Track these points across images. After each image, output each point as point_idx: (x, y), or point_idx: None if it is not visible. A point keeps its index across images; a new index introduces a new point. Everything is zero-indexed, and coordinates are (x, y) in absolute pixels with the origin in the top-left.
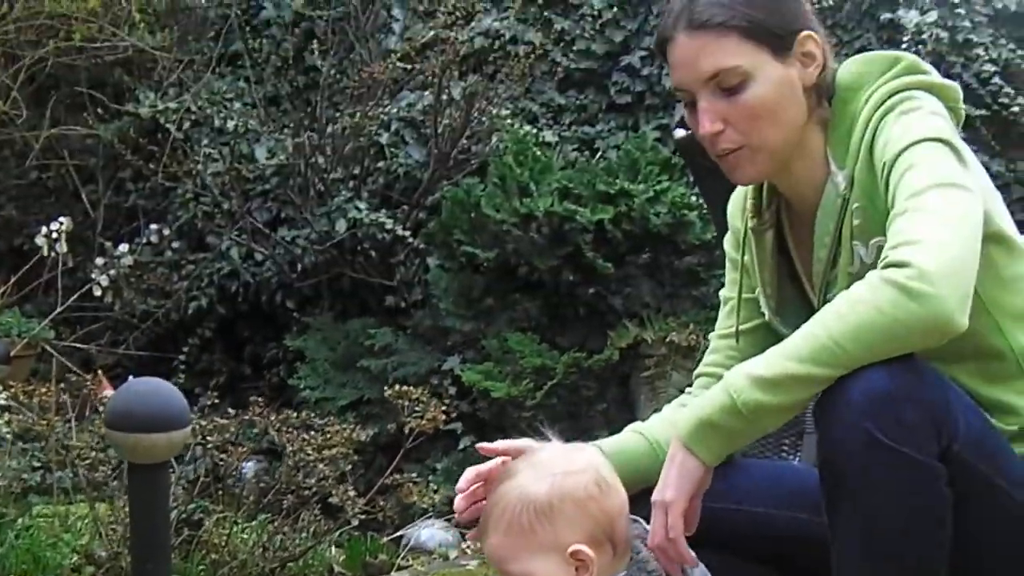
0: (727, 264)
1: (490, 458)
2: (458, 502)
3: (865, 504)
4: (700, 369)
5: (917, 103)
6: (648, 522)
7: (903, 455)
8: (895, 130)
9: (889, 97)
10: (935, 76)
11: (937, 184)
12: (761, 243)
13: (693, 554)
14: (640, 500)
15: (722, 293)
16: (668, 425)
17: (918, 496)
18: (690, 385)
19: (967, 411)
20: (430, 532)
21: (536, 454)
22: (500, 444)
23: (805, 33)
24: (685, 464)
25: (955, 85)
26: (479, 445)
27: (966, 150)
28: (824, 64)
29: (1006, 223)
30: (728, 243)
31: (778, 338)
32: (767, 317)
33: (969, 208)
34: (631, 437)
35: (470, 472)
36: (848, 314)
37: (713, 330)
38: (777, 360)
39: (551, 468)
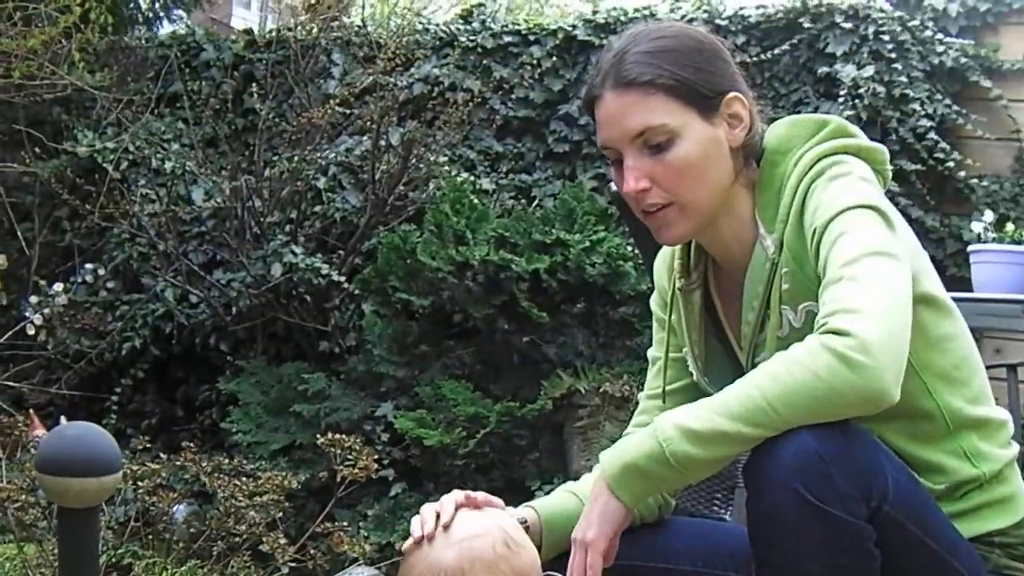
0: (654, 324)
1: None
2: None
3: (794, 564)
4: (629, 429)
5: (846, 168)
6: None
7: (832, 515)
8: (824, 196)
9: (817, 161)
10: (862, 139)
11: (870, 253)
12: (689, 303)
13: None
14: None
15: (650, 353)
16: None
17: (846, 556)
18: None
19: (896, 471)
20: None
21: (441, 524)
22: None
23: (732, 94)
24: (608, 505)
25: (882, 147)
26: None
27: (894, 214)
28: (751, 125)
29: (933, 283)
30: (655, 303)
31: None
32: (695, 377)
33: (901, 278)
34: (565, 497)
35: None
36: (784, 376)
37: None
38: (708, 415)
39: (457, 534)
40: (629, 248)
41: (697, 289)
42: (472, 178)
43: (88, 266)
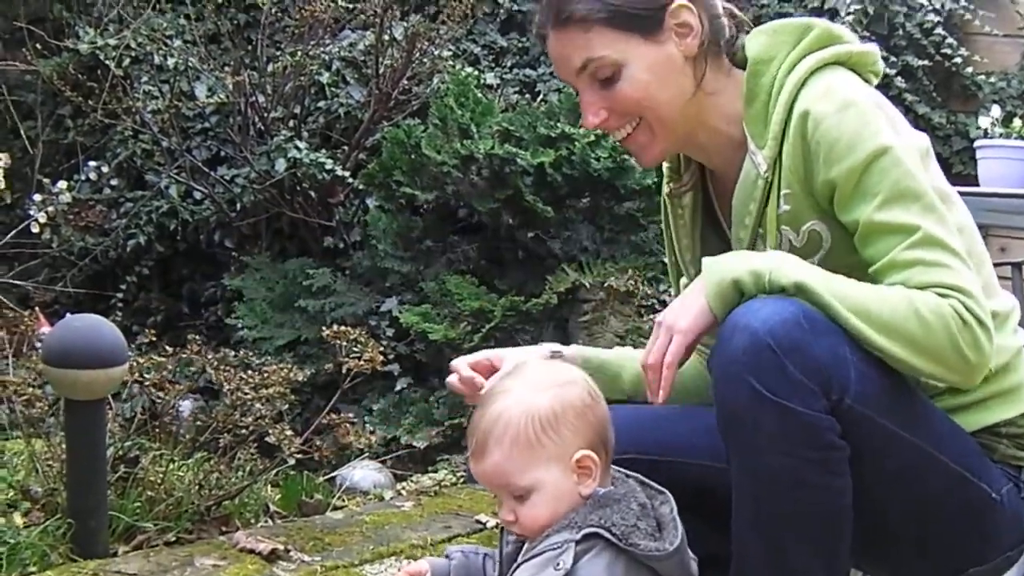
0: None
1: None
2: (454, 380)
3: (753, 457)
4: None
5: (848, 89)
6: None
7: (788, 409)
8: (843, 132)
9: (811, 75)
10: (853, 44)
11: (929, 219)
12: (678, 207)
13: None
14: None
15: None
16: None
17: (808, 449)
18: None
19: (864, 364)
20: (363, 473)
21: (522, 372)
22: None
23: (676, 4)
24: (704, 309)
25: (873, 48)
26: (452, 363)
27: (900, 120)
28: (711, 26)
29: (939, 180)
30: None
31: None
32: (684, 283)
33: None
34: (590, 350)
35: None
36: (905, 308)
37: (651, 275)
38: (823, 279)
39: (547, 381)
40: None
41: (689, 192)
42: (476, 72)
43: (92, 163)
